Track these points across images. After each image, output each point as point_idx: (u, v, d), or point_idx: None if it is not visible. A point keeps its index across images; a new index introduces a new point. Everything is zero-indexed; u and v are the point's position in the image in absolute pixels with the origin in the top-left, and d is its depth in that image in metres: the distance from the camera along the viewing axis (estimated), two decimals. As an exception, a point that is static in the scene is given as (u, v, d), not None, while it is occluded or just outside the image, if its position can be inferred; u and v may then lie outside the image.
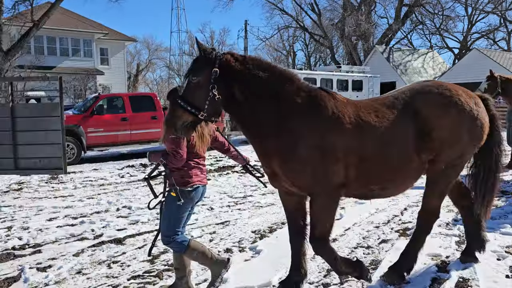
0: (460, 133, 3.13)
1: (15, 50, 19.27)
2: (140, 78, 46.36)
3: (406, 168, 3.11)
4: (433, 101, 3.13)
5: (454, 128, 3.11)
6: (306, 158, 2.88)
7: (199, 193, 3.31)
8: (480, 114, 3.21)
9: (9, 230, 5.36)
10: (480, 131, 3.22)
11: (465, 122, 3.14)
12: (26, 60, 22.38)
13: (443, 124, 3.08)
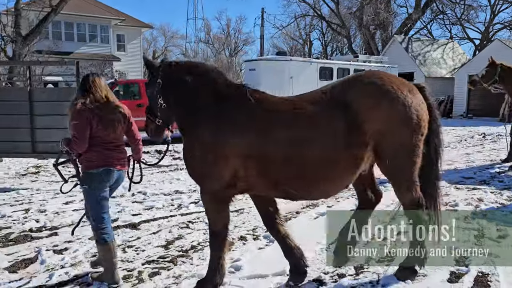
0: (394, 124, 2.95)
1: (34, 35, 19.48)
2: (156, 65, 46.48)
3: (332, 166, 2.93)
4: (363, 92, 2.97)
5: (387, 119, 2.93)
6: (195, 156, 3.03)
7: (110, 176, 3.38)
8: (415, 102, 3.02)
9: (26, 213, 5.44)
10: (417, 120, 3.00)
11: (399, 111, 2.95)
12: (44, 45, 22.57)
13: (375, 115, 2.91)
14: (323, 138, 2.88)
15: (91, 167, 3.33)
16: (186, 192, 6.51)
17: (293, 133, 2.90)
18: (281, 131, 2.90)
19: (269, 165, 2.91)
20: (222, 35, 52.82)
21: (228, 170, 2.94)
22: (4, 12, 21.78)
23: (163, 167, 8.61)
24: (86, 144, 3.28)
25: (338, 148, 2.87)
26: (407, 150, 3.01)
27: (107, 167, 3.35)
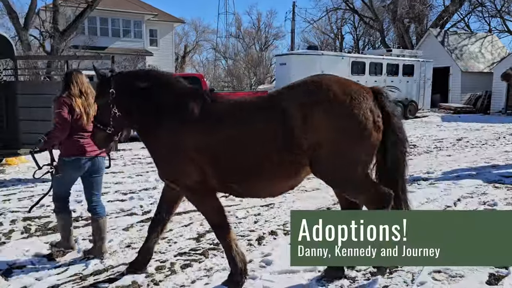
0: (330, 133, 2.87)
1: (70, 30, 20.07)
2: (187, 59, 46.99)
3: (269, 169, 2.98)
4: (300, 99, 2.92)
5: (321, 128, 2.86)
6: (161, 157, 3.22)
7: (80, 164, 3.74)
8: (356, 111, 2.87)
9: (64, 202, 5.62)
10: (358, 128, 2.88)
11: (333, 121, 2.87)
12: (80, 40, 23.25)
13: (308, 124, 2.86)
14: (259, 141, 2.95)
15: (65, 155, 3.73)
16: (216, 185, 6.55)
17: (233, 134, 3.00)
18: (223, 131, 3.02)
19: (221, 164, 3.06)
20: (253, 29, 52.78)
21: (192, 167, 3.09)
22: (43, 9, 22.55)
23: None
24: (67, 131, 3.67)
25: (273, 153, 2.93)
26: (347, 160, 2.95)
27: (78, 156, 3.72)
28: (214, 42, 51.05)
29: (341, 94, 2.91)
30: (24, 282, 3.38)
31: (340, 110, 2.87)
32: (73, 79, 3.81)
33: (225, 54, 48.87)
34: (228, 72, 36.95)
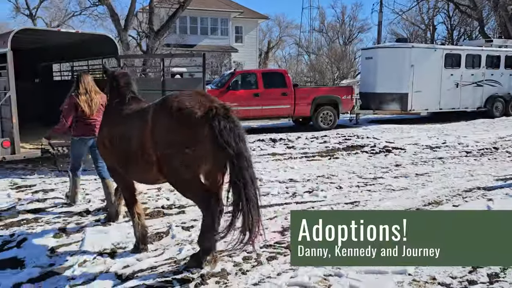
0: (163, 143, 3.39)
1: (164, 30, 21.37)
2: (270, 55, 47.50)
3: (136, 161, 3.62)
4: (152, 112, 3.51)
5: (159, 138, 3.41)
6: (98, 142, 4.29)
7: (85, 142, 5.14)
8: (174, 126, 3.33)
9: (158, 191, 6.05)
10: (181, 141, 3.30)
11: (165, 133, 3.38)
12: (172, 39, 24.64)
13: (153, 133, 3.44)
14: (133, 139, 3.61)
15: (74, 135, 5.14)
16: (300, 181, 6.58)
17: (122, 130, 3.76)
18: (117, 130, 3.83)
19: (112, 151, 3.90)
20: (337, 23, 51.66)
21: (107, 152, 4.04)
22: (140, 10, 24.30)
23: (277, 155, 8.82)
24: (67, 124, 5.05)
25: (138, 150, 3.56)
26: (175, 166, 3.39)
27: (82, 136, 5.12)
28: (297, 37, 50.94)
29: (174, 111, 3.36)
30: (127, 262, 3.72)
31: (170, 125, 3.37)
32: (81, 79, 5.04)
33: (308, 49, 48.49)
34: (310, 67, 36.64)
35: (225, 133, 3.24)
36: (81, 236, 4.33)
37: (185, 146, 3.31)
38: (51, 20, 36.00)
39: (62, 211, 5.11)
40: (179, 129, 3.33)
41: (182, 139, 3.32)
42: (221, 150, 3.22)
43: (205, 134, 3.24)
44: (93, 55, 9.00)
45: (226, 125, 3.26)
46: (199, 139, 3.27)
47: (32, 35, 7.70)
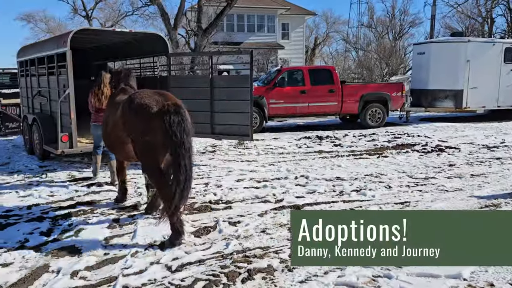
0: (126, 128, 4.48)
1: (212, 28, 21.71)
2: (317, 52, 46.90)
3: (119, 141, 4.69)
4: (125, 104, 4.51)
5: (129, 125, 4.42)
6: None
7: (98, 127, 6.25)
8: (132, 116, 4.31)
9: (206, 186, 6.17)
10: (139, 130, 4.27)
11: (132, 122, 4.35)
12: (220, 37, 25.00)
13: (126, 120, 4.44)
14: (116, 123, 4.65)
15: (92, 122, 6.57)
16: (347, 179, 6.47)
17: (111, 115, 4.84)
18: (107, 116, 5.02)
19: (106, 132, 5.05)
20: (386, 17, 50.06)
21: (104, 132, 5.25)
22: (189, 9, 24.84)
23: (324, 152, 8.72)
24: (92, 109, 6.49)
25: (119, 132, 4.59)
26: (139, 151, 4.39)
27: (95, 123, 6.48)
28: (345, 33, 49.91)
29: (136, 106, 4.27)
30: (176, 254, 3.83)
31: (133, 117, 4.29)
32: (102, 78, 6.31)
33: (356, 44, 47.40)
34: (358, 64, 35.83)
35: (174, 125, 4.01)
36: (133, 228, 4.50)
37: (144, 134, 4.23)
38: (105, 21, 37.65)
39: (115, 203, 5.34)
40: (139, 120, 4.25)
41: (142, 129, 4.25)
42: (169, 139, 4.01)
43: (158, 125, 4.07)
44: (145, 53, 9.30)
45: (175, 119, 4.03)
46: (154, 129, 4.13)
47: (89, 35, 8.08)
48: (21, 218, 4.83)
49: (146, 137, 4.21)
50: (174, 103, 4.15)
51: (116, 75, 5.51)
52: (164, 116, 4.05)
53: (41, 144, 7.94)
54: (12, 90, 13.05)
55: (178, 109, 4.08)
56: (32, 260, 3.74)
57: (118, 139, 4.67)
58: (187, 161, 4.01)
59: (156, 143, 4.17)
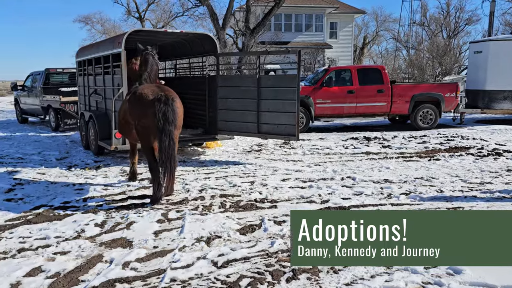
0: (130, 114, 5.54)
1: (259, 28, 21.81)
2: (366, 51, 45.85)
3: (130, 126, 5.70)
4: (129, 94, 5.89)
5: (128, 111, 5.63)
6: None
7: None
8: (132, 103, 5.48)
9: (252, 184, 6.22)
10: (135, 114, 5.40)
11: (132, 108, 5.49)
12: (267, 36, 25.08)
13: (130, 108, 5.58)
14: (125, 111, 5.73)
15: None
16: (396, 182, 6.28)
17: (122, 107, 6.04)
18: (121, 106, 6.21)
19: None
20: (440, 15, 47.99)
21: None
22: (237, 9, 25.11)
23: (371, 154, 8.52)
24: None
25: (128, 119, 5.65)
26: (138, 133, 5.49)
27: None
28: (395, 31, 48.40)
29: (137, 95, 5.37)
30: (221, 250, 3.89)
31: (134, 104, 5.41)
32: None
33: (407, 43, 45.84)
34: (409, 63, 34.63)
35: (160, 113, 5.03)
36: (181, 223, 4.63)
37: (141, 118, 5.26)
38: (157, 22, 38.96)
39: (164, 199, 5.52)
40: (138, 106, 5.31)
41: (139, 113, 5.29)
42: (156, 123, 5.02)
43: (151, 112, 5.07)
44: (194, 53, 9.53)
45: (162, 108, 5.06)
46: (147, 114, 5.13)
47: (142, 36, 8.39)
48: (77, 210, 5.12)
49: (142, 120, 5.24)
50: (166, 95, 5.16)
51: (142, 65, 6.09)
52: (155, 103, 5.08)
53: (96, 140, 8.36)
54: (71, 88, 13.85)
55: (167, 100, 5.10)
56: (87, 249, 3.95)
57: (127, 124, 5.73)
58: (166, 144, 4.99)
59: (149, 126, 5.15)
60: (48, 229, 4.43)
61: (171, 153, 5.06)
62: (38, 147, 9.80)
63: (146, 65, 5.94)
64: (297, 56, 7.37)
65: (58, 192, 5.93)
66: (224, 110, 8.31)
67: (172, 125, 5.11)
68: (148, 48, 6.03)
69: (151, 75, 5.97)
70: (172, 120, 5.11)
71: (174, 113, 5.17)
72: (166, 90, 5.38)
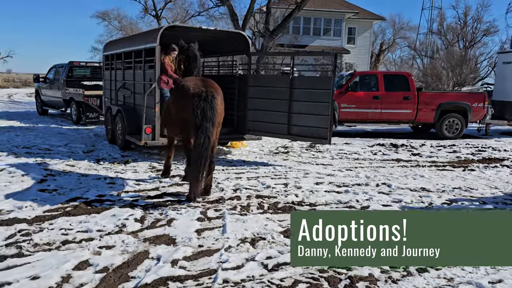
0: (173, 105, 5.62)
1: (279, 30, 21.70)
2: (381, 57, 45.53)
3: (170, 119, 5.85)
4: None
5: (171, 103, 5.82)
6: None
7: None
8: (175, 94, 5.65)
9: (286, 187, 6.09)
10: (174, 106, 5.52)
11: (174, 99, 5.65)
12: (285, 39, 24.97)
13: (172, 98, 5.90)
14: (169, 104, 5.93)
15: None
16: (434, 191, 6.12)
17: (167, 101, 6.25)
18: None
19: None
20: (457, 25, 47.57)
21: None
22: (257, 11, 25.04)
23: (402, 161, 8.35)
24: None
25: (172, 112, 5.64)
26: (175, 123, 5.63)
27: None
28: (411, 39, 48.06)
29: (180, 88, 5.38)
30: (269, 253, 3.76)
31: (178, 96, 5.47)
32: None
33: (422, 52, 45.48)
34: (424, 72, 34.33)
35: (199, 109, 4.94)
36: (221, 222, 4.51)
37: (181, 111, 5.24)
38: (173, 20, 39.01)
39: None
40: (180, 99, 5.33)
41: (180, 106, 5.27)
42: (193, 119, 4.95)
43: (190, 105, 4.99)
44: (224, 51, 9.44)
45: (201, 104, 4.97)
46: (187, 108, 5.05)
47: (173, 31, 8.28)
48: (114, 204, 5.02)
49: (182, 113, 5.21)
50: (207, 91, 5.05)
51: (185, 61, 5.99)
52: (195, 98, 5.00)
53: (123, 134, 8.29)
54: (93, 82, 13.84)
55: (207, 97, 4.99)
56: (131, 245, 3.84)
57: (170, 117, 5.70)
58: (201, 141, 4.88)
59: (188, 120, 5.07)
60: (88, 222, 4.34)
61: (204, 151, 4.90)
62: (63, 139, 9.76)
63: (195, 61, 5.84)
64: (333, 58, 7.24)
65: (91, 185, 5.85)
66: (254, 110, 8.20)
67: (209, 122, 4.99)
68: (192, 45, 5.93)
69: (200, 71, 5.96)
70: (210, 117, 5.00)
71: (213, 110, 5.04)
72: (210, 85, 5.27)
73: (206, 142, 4.92)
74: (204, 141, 4.91)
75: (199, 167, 4.90)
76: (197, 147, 4.92)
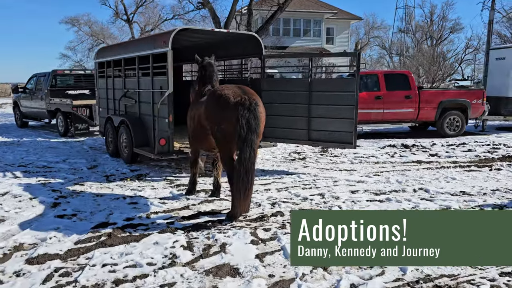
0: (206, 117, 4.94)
1: (261, 32, 21.34)
2: (357, 57, 45.95)
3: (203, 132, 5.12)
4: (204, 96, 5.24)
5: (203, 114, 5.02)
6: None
7: None
8: (210, 106, 4.83)
9: (323, 197, 5.69)
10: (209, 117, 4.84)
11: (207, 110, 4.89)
12: (269, 41, 24.66)
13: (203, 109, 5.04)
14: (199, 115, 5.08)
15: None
16: (475, 194, 5.87)
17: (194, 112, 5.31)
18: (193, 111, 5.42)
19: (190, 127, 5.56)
20: (425, 23, 48.75)
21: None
22: (238, 13, 24.61)
23: (423, 163, 8.11)
24: None
25: (203, 123, 5.00)
26: (216, 139, 4.83)
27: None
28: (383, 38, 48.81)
29: (217, 97, 4.75)
30: (350, 279, 3.34)
31: (214, 105, 4.75)
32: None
33: (392, 50, 46.31)
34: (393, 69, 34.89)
35: (244, 120, 4.44)
36: (278, 244, 4.06)
37: (221, 123, 4.62)
38: (145, 25, 38.04)
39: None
40: (218, 109, 4.66)
41: (219, 117, 4.64)
42: (238, 131, 4.44)
43: (233, 116, 4.48)
44: (233, 55, 8.94)
45: (246, 114, 4.47)
46: (229, 118, 4.52)
47: (184, 35, 7.72)
48: (148, 228, 4.48)
49: (222, 126, 4.63)
50: (250, 98, 4.58)
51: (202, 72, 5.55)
52: (238, 107, 4.50)
53: (130, 147, 7.67)
54: (78, 91, 13.03)
55: (251, 106, 4.51)
56: (194, 280, 3.34)
57: (201, 129, 5.02)
58: (247, 155, 4.41)
59: (229, 132, 4.55)
60: (131, 254, 3.79)
61: (250, 166, 4.46)
62: (59, 154, 9.01)
63: (213, 72, 5.50)
64: (357, 58, 6.92)
65: (112, 207, 5.26)
66: (270, 115, 7.72)
67: (254, 134, 4.52)
68: (206, 58, 5.60)
69: (217, 83, 5.55)
70: (255, 128, 4.52)
71: (257, 119, 4.57)
72: (250, 92, 4.79)
73: (252, 156, 4.47)
74: (250, 155, 4.45)
75: (246, 183, 4.44)
76: (243, 162, 4.43)
